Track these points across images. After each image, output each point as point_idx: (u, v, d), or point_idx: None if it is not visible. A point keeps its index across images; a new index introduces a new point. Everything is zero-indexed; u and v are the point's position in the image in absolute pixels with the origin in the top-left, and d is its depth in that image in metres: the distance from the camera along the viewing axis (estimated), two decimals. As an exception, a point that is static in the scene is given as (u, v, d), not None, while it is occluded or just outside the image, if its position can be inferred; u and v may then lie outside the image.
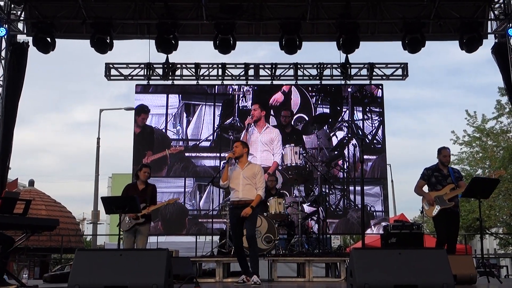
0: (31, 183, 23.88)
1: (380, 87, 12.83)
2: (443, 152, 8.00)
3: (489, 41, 11.44)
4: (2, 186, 10.51)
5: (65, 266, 12.80)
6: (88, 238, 29.02)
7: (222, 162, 12.10)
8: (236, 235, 7.01)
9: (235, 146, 7.24)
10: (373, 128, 12.66)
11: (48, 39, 11.00)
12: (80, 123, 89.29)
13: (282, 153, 12.36)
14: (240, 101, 12.76)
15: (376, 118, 12.72)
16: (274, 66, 12.78)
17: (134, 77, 12.90)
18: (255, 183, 6.99)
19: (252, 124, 12.52)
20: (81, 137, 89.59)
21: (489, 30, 11.47)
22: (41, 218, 9.89)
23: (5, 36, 10.96)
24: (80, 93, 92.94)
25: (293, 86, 12.79)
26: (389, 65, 12.95)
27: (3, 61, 11.09)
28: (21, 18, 11.36)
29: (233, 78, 12.93)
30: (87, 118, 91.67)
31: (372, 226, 12.28)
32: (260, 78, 12.89)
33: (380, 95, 12.80)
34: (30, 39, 11.09)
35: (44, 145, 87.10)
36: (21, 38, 11.38)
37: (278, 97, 12.72)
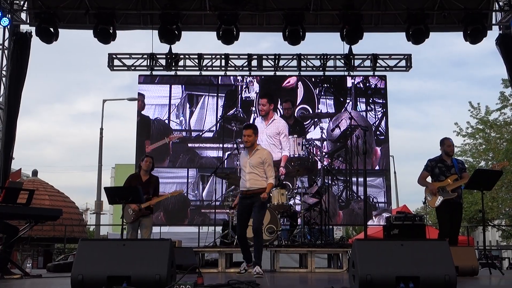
0: (35, 173, 23.95)
1: (384, 78, 12.79)
2: (446, 142, 8.00)
3: (494, 33, 11.41)
4: (5, 176, 10.55)
5: (69, 256, 12.88)
6: (91, 228, 29.12)
7: (219, 155, 12.15)
8: (241, 224, 6.82)
9: (247, 135, 6.79)
10: (376, 119, 12.64)
11: (51, 29, 10.99)
12: (83, 113, 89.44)
13: (289, 145, 12.35)
14: (243, 91, 12.74)
15: (380, 109, 12.69)
16: (277, 57, 12.74)
17: (137, 68, 12.89)
18: (264, 171, 6.71)
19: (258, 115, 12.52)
20: (84, 128, 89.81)
21: (493, 22, 11.42)
22: (45, 208, 9.94)
23: (8, 26, 10.97)
24: (83, 84, 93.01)
25: (296, 77, 12.76)
26: (392, 56, 12.90)
27: (6, 51, 11.10)
28: (24, 8, 11.35)
29: (236, 68, 12.90)
30: (90, 108, 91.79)
31: (374, 217, 12.29)
32: (264, 69, 12.86)
33: (384, 87, 12.76)
34: (33, 29, 11.10)
35: (47, 135, 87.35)
36: (24, 28, 11.39)
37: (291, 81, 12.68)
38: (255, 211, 6.70)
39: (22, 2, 11.31)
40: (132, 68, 12.90)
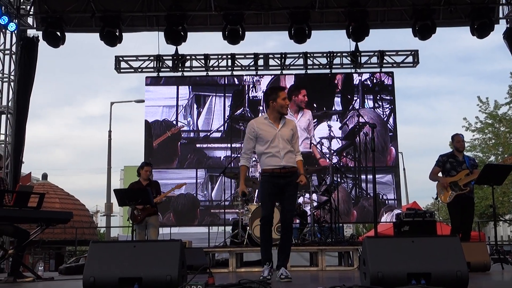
0: (45, 176, 24.09)
1: (391, 75, 12.75)
2: (456, 138, 8.02)
3: (501, 26, 11.34)
4: (15, 180, 10.61)
5: (80, 258, 12.92)
6: (102, 230, 29.26)
7: (224, 157, 12.16)
8: (271, 205, 5.52)
9: (285, 98, 5.54)
10: (384, 116, 12.60)
11: (58, 33, 11.05)
12: (91, 116, 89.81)
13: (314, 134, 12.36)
14: (250, 91, 12.75)
15: (387, 106, 12.66)
16: (283, 55, 12.73)
17: (144, 70, 12.92)
18: (293, 145, 5.58)
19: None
20: (93, 131, 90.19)
21: (500, 15, 11.34)
22: (55, 211, 9.97)
23: (15, 31, 11.03)
24: (91, 87, 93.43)
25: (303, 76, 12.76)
26: (399, 53, 12.85)
27: (13, 56, 11.16)
28: (31, 13, 11.41)
29: (243, 68, 12.91)
30: (99, 111, 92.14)
31: (385, 214, 12.26)
32: (270, 68, 12.85)
33: (391, 83, 12.73)
34: (40, 33, 11.15)
35: (56, 139, 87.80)
36: (31, 32, 11.46)
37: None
38: (289, 196, 5.52)
39: (28, 7, 11.37)
40: (139, 70, 12.93)
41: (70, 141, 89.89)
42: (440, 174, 8.00)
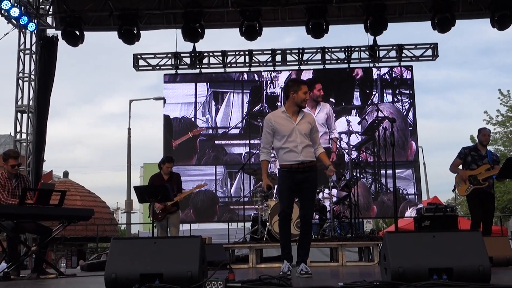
0: (66, 174, 24.38)
1: (410, 68, 12.64)
2: (482, 132, 7.97)
3: (522, 18, 11.12)
4: (37, 178, 10.76)
5: (101, 255, 13.06)
6: (122, 227, 29.54)
7: (246, 152, 12.16)
8: (290, 200, 5.47)
9: (306, 92, 5.44)
10: (404, 110, 12.50)
11: (77, 32, 11.15)
12: (111, 114, 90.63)
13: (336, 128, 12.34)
14: (268, 87, 12.74)
15: (406, 100, 12.56)
16: (301, 51, 12.69)
17: (162, 67, 12.97)
18: (313, 139, 5.51)
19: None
20: (112, 129, 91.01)
21: (521, 6, 11.15)
22: (77, 209, 10.13)
23: (35, 31, 11.16)
24: (110, 85, 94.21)
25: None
26: (418, 46, 12.73)
27: (34, 56, 11.30)
28: (50, 13, 11.54)
29: (261, 64, 12.90)
30: (118, 109, 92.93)
31: (409, 209, 12.17)
32: (288, 63, 12.82)
33: (410, 77, 12.62)
34: (59, 33, 11.27)
35: (77, 137, 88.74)
36: (50, 32, 11.59)
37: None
38: (308, 192, 5.46)
39: (47, 7, 11.49)
40: (157, 67, 12.99)
41: (90, 139, 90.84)
42: (461, 167, 7.93)
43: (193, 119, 12.71)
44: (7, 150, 7.14)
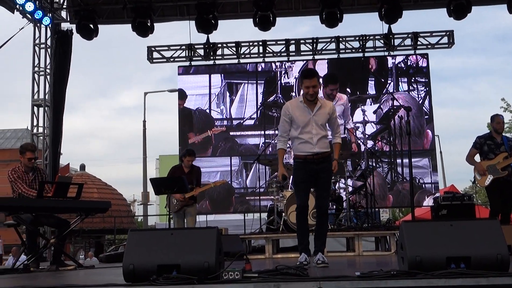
0: (82, 167, 24.57)
1: (425, 56, 12.52)
2: (496, 119, 7.78)
3: (540, 2, 10.94)
4: (55, 171, 10.86)
5: (119, 247, 13.16)
6: (139, 219, 29.74)
7: (262, 143, 12.16)
8: (306, 193, 5.49)
9: (313, 86, 5.30)
10: (420, 99, 12.40)
11: (91, 25, 11.20)
12: (126, 107, 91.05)
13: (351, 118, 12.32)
14: (283, 77, 12.70)
15: (422, 88, 12.45)
16: (315, 40, 12.61)
17: (176, 59, 12.99)
18: (332, 127, 5.55)
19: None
20: (128, 121, 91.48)
21: (539, -9, 10.97)
22: (94, 201, 10.22)
23: (50, 25, 11.22)
24: (125, 78, 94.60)
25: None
26: (434, 34, 12.59)
27: (49, 50, 11.37)
28: (64, 7, 11.60)
29: (275, 55, 12.85)
30: (133, 102, 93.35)
31: (427, 198, 12.09)
32: (302, 53, 12.76)
33: (426, 65, 12.50)
34: (73, 26, 11.33)
35: (92, 130, 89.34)
36: (65, 26, 11.65)
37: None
38: (323, 182, 5.46)
39: (62, 1, 11.55)
40: (171, 59, 13.01)
41: (106, 132, 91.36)
42: (477, 156, 7.83)
43: (207, 111, 12.73)
44: (24, 143, 7.21)
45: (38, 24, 11.26)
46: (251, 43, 12.84)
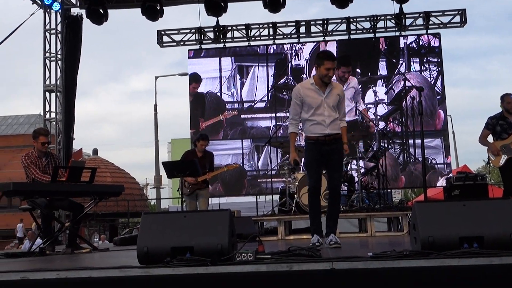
0: (95, 152, 24.77)
1: (437, 36, 12.38)
2: (506, 99, 7.70)
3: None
4: (68, 156, 10.95)
5: (133, 229, 13.29)
6: (152, 202, 29.98)
7: (273, 125, 12.15)
8: (318, 174, 5.47)
9: (333, 69, 5.30)
10: (432, 79, 12.30)
11: (101, 10, 11.19)
12: (137, 91, 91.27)
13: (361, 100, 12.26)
14: (293, 59, 12.64)
15: (434, 68, 12.33)
16: (325, 22, 12.51)
17: (186, 43, 12.96)
18: (339, 109, 5.48)
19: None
20: (139, 105, 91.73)
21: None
22: (107, 185, 10.28)
23: (60, 11, 11.22)
24: (136, 62, 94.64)
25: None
26: (446, 13, 12.42)
27: (59, 35, 11.39)
28: (74, -9, 11.57)
29: (285, 37, 12.78)
30: (144, 86, 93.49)
31: (440, 179, 12.03)
32: (312, 35, 12.67)
33: (438, 45, 12.36)
34: (83, 11, 11.31)
35: (104, 114, 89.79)
36: (74, 11, 11.64)
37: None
38: (335, 164, 5.46)
39: (71, -14, 11.53)
40: (181, 43, 12.98)
41: (118, 116, 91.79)
42: (490, 137, 7.77)
43: (218, 94, 12.72)
44: (37, 128, 7.27)
45: (48, 10, 11.27)
46: (261, 25, 12.77)
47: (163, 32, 12.95)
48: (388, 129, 12.11)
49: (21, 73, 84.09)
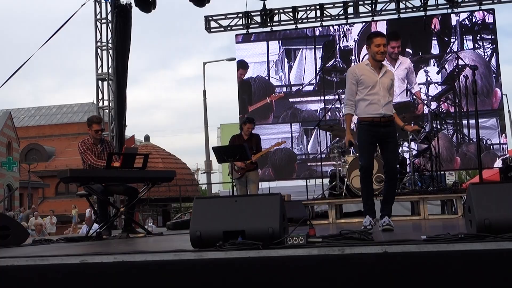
0: (147, 138, 25.26)
1: (492, 12, 11.92)
2: None
3: None
4: (121, 142, 11.21)
5: (185, 214, 13.52)
6: (203, 187, 30.39)
7: (321, 108, 12.06)
8: (370, 155, 5.39)
9: (384, 45, 5.28)
10: (486, 57, 11.88)
11: (149, -2, 11.31)
12: (186, 78, 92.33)
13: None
14: (341, 41, 12.46)
15: (489, 46, 11.91)
16: (374, 1, 12.23)
17: (233, 28, 12.97)
18: (390, 95, 5.43)
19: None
20: (188, 91, 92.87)
21: None
22: (160, 170, 10.51)
23: (109, 0, 11.43)
24: (184, 49, 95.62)
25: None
26: (500, -13, 11.95)
27: (110, 24, 11.61)
28: (122, -19, 11.74)
29: (332, 18, 12.60)
30: (193, 72, 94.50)
31: (494, 160, 11.67)
32: (360, 15, 12.44)
33: (492, 21, 11.91)
34: (132, 0, 11.48)
35: (155, 101, 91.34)
36: (124, 0, 11.81)
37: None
38: (391, 147, 5.38)
39: (119, -25, 11.70)
40: (229, 28, 13.01)
41: (168, 103, 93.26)
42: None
43: (266, 78, 12.71)
44: (90, 116, 7.47)
45: (99, 0, 11.50)
46: (308, 7, 12.63)
47: (210, 18, 13.00)
48: (440, 110, 11.81)
49: (75, 63, 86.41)
